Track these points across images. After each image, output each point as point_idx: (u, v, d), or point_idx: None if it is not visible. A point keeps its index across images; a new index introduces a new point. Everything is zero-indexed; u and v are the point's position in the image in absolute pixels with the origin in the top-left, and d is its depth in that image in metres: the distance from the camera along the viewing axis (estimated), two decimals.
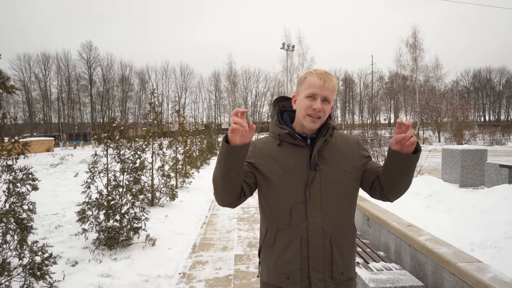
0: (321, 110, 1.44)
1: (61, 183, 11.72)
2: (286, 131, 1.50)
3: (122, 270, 4.14)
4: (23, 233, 2.73)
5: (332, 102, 1.51)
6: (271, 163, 1.50)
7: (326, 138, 1.50)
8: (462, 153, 6.10)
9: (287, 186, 1.46)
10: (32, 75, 61.58)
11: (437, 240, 3.22)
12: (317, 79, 1.46)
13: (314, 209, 1.44)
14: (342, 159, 1.51)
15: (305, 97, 1.47)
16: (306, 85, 1.48)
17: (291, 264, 1.45)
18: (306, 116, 1.46)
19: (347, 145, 1.56)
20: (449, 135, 27.69)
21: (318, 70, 1.49)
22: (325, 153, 1.50)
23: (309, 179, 1.45)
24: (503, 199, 4.07)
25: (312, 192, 1.45)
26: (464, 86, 78.45)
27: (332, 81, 1.48)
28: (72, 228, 5.92)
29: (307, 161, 1.47)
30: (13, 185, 2.70)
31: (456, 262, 2.71)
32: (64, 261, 4.41)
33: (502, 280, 2.37)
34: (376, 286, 2.75)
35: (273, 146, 1.53)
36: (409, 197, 5.01)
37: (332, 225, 1.46)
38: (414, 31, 40.55)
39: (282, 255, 1.47)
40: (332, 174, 1.47)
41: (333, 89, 1.48)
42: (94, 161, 4.86)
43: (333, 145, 1.53)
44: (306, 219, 1.44)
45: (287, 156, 1.49)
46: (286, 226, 1.47)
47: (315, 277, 1.44)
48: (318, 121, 1.46)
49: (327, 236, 1.45)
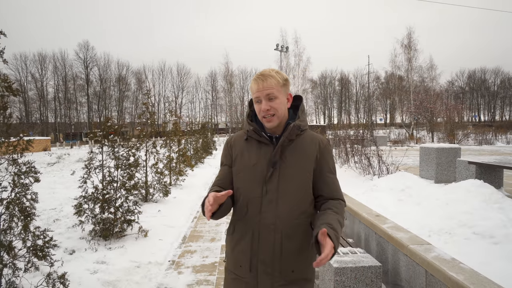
0: (269, 108, 1.52)
1: (58, 181, 12.02)
2: (252, 128, 1.59)
3: (116, 257, 4.49)
4: (27, 219, 3.08)
5: (281, 96, 1.55)
6: (240, 158, 1.60)
7: (292, 137, 1.55)
8: (437, 151, 6.50)
9: (248, 180, 1.54)
10: (28, 74, 61.67)
11: (398, 227, 3.60)
12: (254, 84, 1.56)
13: (268, 205, 1.50)
14: (303, 159, 1.55)
15: (254, 103, 1.59)
16: (251, 92, 1.59)
17: (243, 255, 1.52)
18: (263, 119, 1.56)
19: (310, 145, 1.59)
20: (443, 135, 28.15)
21: (256, 75, 1.57)
22: (287, 152, 1.55)
23: (267, 176, 1.52)
24: (466, 192, 4.45)
25: (269, 188, 1.51)
26: (459, 86, 79.19)
27: (268, 79, 1.53)
28: (69, 221, 6.26)
29: (269, 158, 1.54)
30: (18, 177, 3.05)
31: (408, 245, 3.09)
32: (62, 250, 4.75)
33: (443, 258, 2.75)
34: (339, 266, 3.12)
35: (242, 140, 1.63)
36: (384, 192, 5.40)
37: (285, 221, 1.50)
38: (409, 32, 40.99)
39: (237, 244, 1.55)
40: (291, 173, 1.53)
41: (272, 85, 1.52)
42: (90, 158, 5.21)
43: (297, 145, 1.57)
44: (260, 213, 1.50)
45: (252, 152, 1.58)
46: (242, 218, 1.55)
47: (262, 270, 1.50)
48: (274, 119, 1.54)
49: (278, 232, 1.49)
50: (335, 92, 77.83)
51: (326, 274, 3.32)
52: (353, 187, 6.13)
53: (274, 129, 1.57)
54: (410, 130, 38.23)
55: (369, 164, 6.97)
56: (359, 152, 7.69)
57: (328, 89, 77.24)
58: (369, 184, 6.10)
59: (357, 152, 7.78)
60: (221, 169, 1.71)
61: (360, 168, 7.38)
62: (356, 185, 6.32)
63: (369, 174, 6.88)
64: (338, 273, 3.07)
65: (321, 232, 1.28)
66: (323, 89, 76.53)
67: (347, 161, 8.41)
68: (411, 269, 3.04)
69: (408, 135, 35.32)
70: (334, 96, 77.93)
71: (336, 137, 10.41)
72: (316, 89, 73.15)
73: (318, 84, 74.68)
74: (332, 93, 77.75)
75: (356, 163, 7.72)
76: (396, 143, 26.70)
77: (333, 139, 11.07)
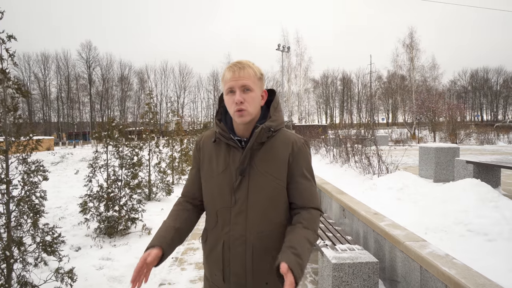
0: (243, 100, 1.36)
1: (62, 180, 12.18)
2: (219, 130, 1.43)
3: (120, 254, 4.62)
4: (36, 216, 3.20)
5: (257, 90, 1.41)
6: (207, 163, 1.47)
7: (261, 140, 1.40)
8: (436, 151, 6.59)
9: (216, 188, 1.43)
10: (31, 74, 62.02)
11: (394, 225, 3.70)
12: (228, 72, 1.39)
13: (238, 216, 1.40)
14: (274, 165, 1.40)
15: (226, 94, 1.41)
16: (223, 83, 1.42)
17: (216, 264, 1.45)
18: (235, 113, 1.38)
19: (283, 147, 1.42)
20: (445, 134, 28.17)
21: (231, 63, 1.42)
22: (257, 157, 1.40)
23: (235, 184, 1.39)
24: (462, 191, 4.53)
25: (238, 198, 1.39)
26: (462, 85, 79.04)
27: (246, 68, 1.39)
28: (74, 219, 6.39)
29: (237, 164, 1.40)
30: (27, 175, 3.17)
31: (404, 241, 3.19)
32: (68, 247, 4.88)
33: (437, 254, 2.84)
34: (337, 262, 3.22)
35: (211, 142, 1.48)
36: (383, 190, 5.49)
37: (256, 233, 1.40)
38: (411, 31, 41.00)
39: (210, 254, 1.47)
40: (262, 180, 1.39)
41: (249, 76, 1.38)
42: (95, 157, 5.34)
43: (268, 149, 1.42)
44: (229, 225, 1.41)
45: (221, 156, 1.44)
46: (212, 229, 1.47)
47: (234, 282, 1.43)
48: (246, 113, 1.37)
49: (249, 244, 1.39)
50: (337, 92, 77.83)
51: (324, 270, 3.42)
52: (353, 186, 6.22)
53: (244, 129, 1.42)
54: (412, 129, 38.25)
55: (369, 163, 7.07)
56: (359, 152, 7.78)
57: (330, 89, 77.25)
58: (368, 183, 6.19)
59: (358, 152, 7.87)
60: (190, 173, 1.60)
61: (360, 167, 7.48)
62: (356, 184, 6.42)
63: (369, 174, 6.97)
64: (336, 269, 3.18)
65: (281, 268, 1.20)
66: (325, 88, 76.55)
67: (347, 161, 8.51)
68: (406, 265, 3.14)
69: (410, 135, 35.34)
70: (336, 96, 77.93)
71: (337, 137, 10.51)
72: (318, 89, 73.22)
73: (320, 84, 74.73)
74: (334, 93, 77.74)
75: (356, 162, 7.81)
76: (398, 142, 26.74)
77: (334, 139, 11.17)
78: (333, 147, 10.53)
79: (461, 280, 2.36)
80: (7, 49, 2.93)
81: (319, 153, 12.08)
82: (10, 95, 2.98)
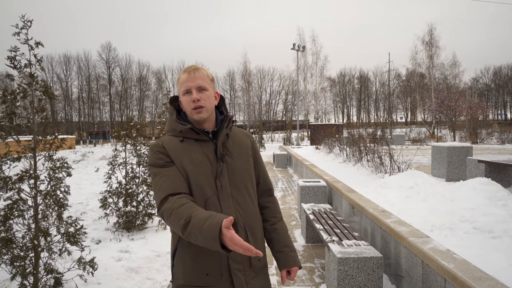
0: (200, 99, 1.50)
1: (83, 177, 12.66)
2: (188, 127, 1.50)
3: (138, 247, 4.86)
4: (60, 209, 3.46)
5: (211, 90, 1.56)
6: (182, 159, 1.48)
7: (228, 131, 1.57)
8: (448, 150, 6.58)
9: (199, 179, 1.45)
10: (54, 75, 64.04)
11: (400, 222, 3.79)
12: (183, 74, 1.54)
13: (226, 200, 1.47)
14: (243, 150, 1.60)
15: (183, 95, 1.54)
16: (180, 85, 1.55)
17: (210, 260, 1.43)
18: (192, 111, 1.51)
19: (244, 137, 1.66)
20: (465, 133, 27.54)
21: (186, 67, 1.57)
22: (228, 145, 1.56)
23: (218, 171, 1.47)
24: (471, 189, 4.56)
25: (222, 183, 1.47)
26: (484, 83, 76.78)
27: (200, 70, 1.54)
28: (95, 214, 6.71)
29: (213, 154, 1.50)
30: (53, 171, 3.43)
31: (408, 237, 3.28)
32: (90, 239, 5.17)
33: (438, 249, 2.94)
34: (342, 256, 3.35)
35: (177, 143, 1.51)
36: (392, 189, 5.55)
37: (244, 213, 1.50)
38: (430, 28, 40.19)
39: (200, 252, 1.42)
40: (238, 164, 1.54)
41: (203, 77, 1.53)
42: (115, 155, 5.62)
43: (234, 138, 1.61)
44: (221, 211, 1.44)
45: (194, 151, 1.49)
46: None
47: (235, 268, 1.44)
48: (203, 110, 1.51)
49: (241, 225, 1.48)
50: (354, 91, 77.00)
51: (330, 264, 3.56)
52: (363, 185, 6.30)
53: (203, 123, 1.54)
54: (431, 128, 37.54)
55: (381, 162, 7.10)
56: (372, 151, 7.82)
57: (347, 87, 76.48)
58: (379, 181, 6.25)
59: (370, 151, 7.91)
60: (166, 172, 1.45)
61: (372, 166, 7.53)
62: (366, 183, 6.48)
63: (380, 172, 7.02)
64: (341, 263, 3.31)
65: (294, 271, 1.61)
66: (342, 87, 75.84)
67: (360, 160, 8.55)
68: (410, 260, 3.24)
69: (429, 134, 34.69)
70: (353, 94, 77.11)
71: (351, 137, 10.53)
72: (334, 88, 72.62)
73: (336, 83, 74.07)
74: (351, 91, 76.92)
75: (368, 161, 7.86)
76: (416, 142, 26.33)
77: (347, 138, 11.18)
78: (346, 146, 10.56)
79: (458, 274, 2.45)
80: (35, 54, 3.19)
81: (332, 152, 12.11)
82: (37, 97, 3.24)
